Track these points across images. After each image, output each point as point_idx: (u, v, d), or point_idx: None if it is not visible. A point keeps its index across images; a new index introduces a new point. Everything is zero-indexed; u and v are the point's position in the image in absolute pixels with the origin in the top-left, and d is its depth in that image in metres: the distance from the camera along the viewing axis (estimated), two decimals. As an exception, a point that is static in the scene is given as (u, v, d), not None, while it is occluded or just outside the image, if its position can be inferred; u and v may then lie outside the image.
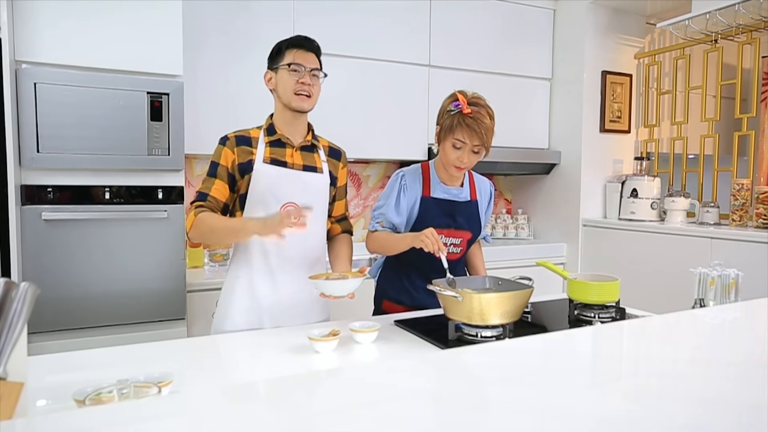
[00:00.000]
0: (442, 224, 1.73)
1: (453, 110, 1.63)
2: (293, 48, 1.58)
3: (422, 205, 1.74)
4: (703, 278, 1.68)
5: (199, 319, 2.37)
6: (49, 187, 2.09)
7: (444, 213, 1.75)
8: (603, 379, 0.85)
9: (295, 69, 1.57)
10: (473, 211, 1.81)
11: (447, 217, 1.75)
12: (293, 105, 1.58)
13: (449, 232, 1.75)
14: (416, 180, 1.76)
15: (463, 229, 1.78)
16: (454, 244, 1.77)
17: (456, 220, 1.76)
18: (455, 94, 1.65)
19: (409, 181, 1.75)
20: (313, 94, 1.59)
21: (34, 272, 2.07)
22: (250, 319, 1.60)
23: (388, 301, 1.83)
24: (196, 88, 2.55)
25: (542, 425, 0.64)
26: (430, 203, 1.74)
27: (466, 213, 1.78)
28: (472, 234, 1.80)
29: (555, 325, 1.68)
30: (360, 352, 1.37)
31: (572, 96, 3.39)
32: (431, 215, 1.74)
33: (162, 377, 1.03)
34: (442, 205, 1.75)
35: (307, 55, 1.59)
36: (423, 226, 1.70)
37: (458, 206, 1.77)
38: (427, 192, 1.75)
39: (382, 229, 1.74)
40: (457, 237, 1.77)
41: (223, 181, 1.58)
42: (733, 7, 2.71)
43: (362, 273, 1.50)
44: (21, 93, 2.01)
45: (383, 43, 3.00)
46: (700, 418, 0.67)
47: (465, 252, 1.83)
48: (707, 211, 2.95)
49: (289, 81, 1.57)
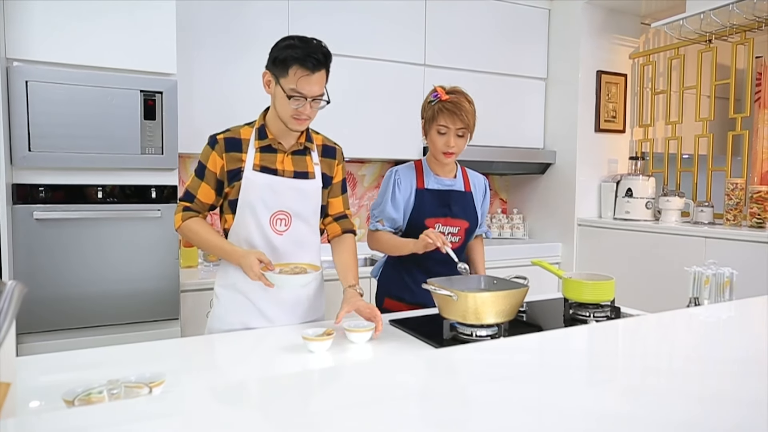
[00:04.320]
0: (438, 213, 1.79)
1: (433, 101, 1.73)
2: (298, 66, 1.43)
3: (417, 196, 1.79)
4: (697, 277, 1.69)
5: (193, 319, 2.36)
6: (41, 186, 2.08)
7: (439, 202, 1.80)
8: (598, 378, 0.85)
9: (296, 99, 1.46)
10: (468, 201, 1.86)
11: (443, 207, 1.80)
12: (289, 126, 1.53)
13: (446, 221, 1.80)
14: (410, 174, 1.82)
15: (459, 218, 1.82)
16: (452, 233, 1.81)
17: (451, 209, 1.81)
18: (434, 88, 1.75)
19: (402, 176, 1.81)
20: (311, 117, 1.53)
21: (26, 272, 2.05)
22: (245, 319, 1.59)
23: (390, 299, 1.86)
24: (190, 87, 2.53)
25: (537, 424, 0.64)
26: (425, 194, 1.80)
27: (460, 202, 1.83)
28: (469, 223, 1.84)
29: (550, 324, 1.67)
30: (354, 352, 1.37)
31: (567, 96, 3.40)
32: (427, 205, 1.79)
33: (153, 377, 1.02)
34: (436, 195, 1.81)
35: (311, 78, 1.45)
36: (419, 216, 1.75)
37: (453, 195, 1.83)
38: (421, 184, 1.80)
39: (383, 228, 1.80)
40: (454, 225, 1.81)
41: (210, 186, 1.57)
42: (727, 7, 2.71)
43: (317, 268, 1.55)
44: (12, 91, 2.00)
45: (378, 43, 2.99)
46: (695, 415, 0.67)
47: (464, 242, 1.86)
48: (701, 211, 2.96)
49: (288, 106, 1.48)
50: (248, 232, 1.56)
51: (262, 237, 1.57)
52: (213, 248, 1.59)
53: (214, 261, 2.74)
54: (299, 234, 1.62)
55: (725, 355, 0.94)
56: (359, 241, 3.49)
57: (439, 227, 1.78)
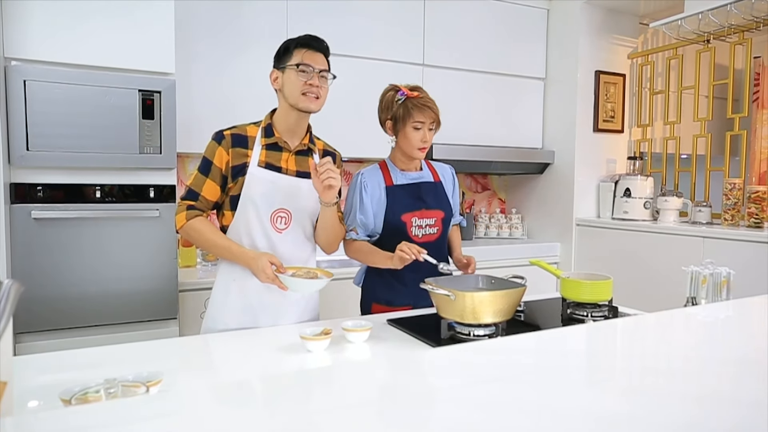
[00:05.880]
0: (412, 207, 1.78)
1: (401, 99, 1.76)
2: (302, 48, 1.55)
3: (388, 194, 1.79)
4: (695, 277, 1.69)
5: (191, 319, 2.36)
6: (39, 186, 2.07)
7: (411, 196, 1.80)
8: (596, 378, 0.85)
9: (303, 70, 1.53)
10: (439, 191, 1.87)
11: (415, 200, 1.80)
12: (300, 105, 1.55)
13: (421, 213, 1.79)
14: (376, 174, 1.81)
15: (433, 209, 1.82)
16: (429, 225, 1.81)
17: (425, 201, 1.81)
18: (394, 86, 1.80)
19: (368, 178, 1.80)
20: (321, 95, 1.56)
21: (24, 271, 2.05)
22: (243, 319, 1.59)
23: (378, 304, 1.81)
24: (189, 86, 2.53)
25: (535, 424, 0.64)
26: (396, 190, 1.80)
27: (432, 192, 1.84)
28: (444, 213, 1.84)
29: (548, 324, 1.67)
30: (352, 351, 1.37)
31: (566, 95, 3.40)
32: (400, 201, 1.78)
33: (151, 376, 1.02)
34: (407, 189, 1.81)
35: (315, 55, 1.55)
36: (394, 214, 1.76)
37: (423, 187, 1.83)
38: (389, 182, 1.81)
39: (357, 237, 1.76)
40: (430, 217, 1.81)
41: (215, 182, 1.55)
42: (726, 7, 2.72)
43: (329, 274, 1.52)
44: (10, 90, 1.99)
45: (376, 42, 2.99)
46: (693, 415, 0.67)
47: (443, 232, 1.85)
48: (699, 211, 2.97)
49: (297, 82, 1.53)
50: (249, 228, 1.56)
51: (263, 234, 1.57)
52: (219, 249, 1.56)
53: (212, 261, 2.74)
54: (298, 234, 1.62)
55: (723, 355, 0.95)
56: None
57: (416, 221, 1.77)
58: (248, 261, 1.49)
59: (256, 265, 1.47)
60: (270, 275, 1.45)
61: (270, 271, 1.45)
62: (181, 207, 1.57)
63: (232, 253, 1.53)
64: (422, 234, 1.78)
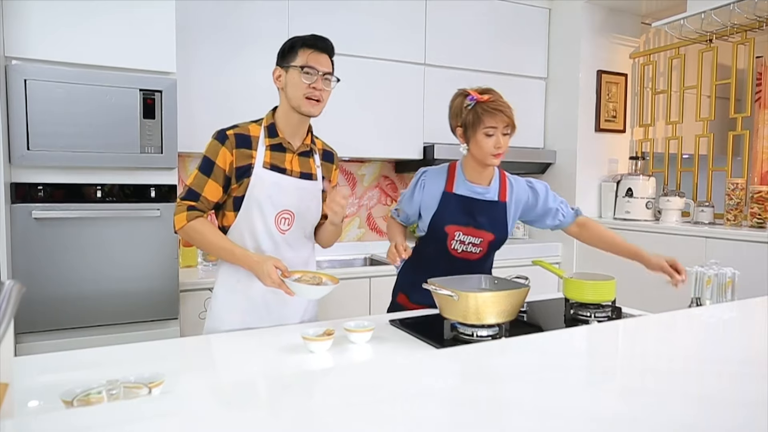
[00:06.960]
0: (460, 221, 1.70)
1: (470, 104, 1.64)
2: (307, 48, 1.52)
3: (442, 200, 1.72)
4: (699, 277, 1.68)
5: (192, 319, 2.36)
6: (40, 185, 2.07)
7: (463, 210, 1.71)
8: (599, 379, 0.84)
9: (308, 72, 1.50)
10: (499, 213, 1.74)
11: (466, 215, 1.71)
12: (302, 109, 1.53)
13: (468, 230, 1.71)
14: (440, 176, 1.75)
15: (483, 229, 1.72)
16: (472, 243, 1.72)
17: (476, 219, 1.71)
18: (463, 91, 1.67)
19: (429, 178, 1.75)
20: (323, 99, 1.54)
21: (25, 271, 2.04)
22: (248, 319, 1.58)
23: (403, 294, 1.85)
24: (190, 86, 2.53)
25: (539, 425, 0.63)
26: (451, 199, 1.72)
27: (489, 213, 1.73)
28: (495, 236, 1.73)
29: (551, 325, 1.67)
30: (354, 352, 1.36)
31: (567, 95, 3.39)
32: (450, 211, 1.71)
33: (153, 377, 1.02)
34: (462, 201, 1.72)
35: (320, 57, 1.53)
36: (441, 221, 1.71)
37: (479, 204, 1.72)
38: (450, 188, 1.73)
39: (397, 217, 1.86)
40: (477, 236, 1.72)
41: (218, 183, 1.52)
42: (728, 6, 2.71)
43: (335, 280, 1.50)
44: (11, 90, 1.99)
45: (378, 42, 2.98)
46: (696, 416, 0.67)
47: (486, 254, 1.76)
48: (702, 211, 2.96)
49: (301, 84, 1.50)
50: (252, 229, 1.55)
51: (267, 235, 1.56)
52: (221, 251, 1.53)
53: (213, 261, 2.73)
54: (299, 234, 1.62)
55: (726, 356, 0.94)
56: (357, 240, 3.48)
57: (459, 235, 1.70)
58: (252, 265, 1.47)
59: (261, 269, 1.45)
60: (276, 280, 1.43)
61: (276, 276, 1.43)
62: (181, 207, 1.53)
63: (234, 255, 1.50)
64: (462, 249, 1.72)
